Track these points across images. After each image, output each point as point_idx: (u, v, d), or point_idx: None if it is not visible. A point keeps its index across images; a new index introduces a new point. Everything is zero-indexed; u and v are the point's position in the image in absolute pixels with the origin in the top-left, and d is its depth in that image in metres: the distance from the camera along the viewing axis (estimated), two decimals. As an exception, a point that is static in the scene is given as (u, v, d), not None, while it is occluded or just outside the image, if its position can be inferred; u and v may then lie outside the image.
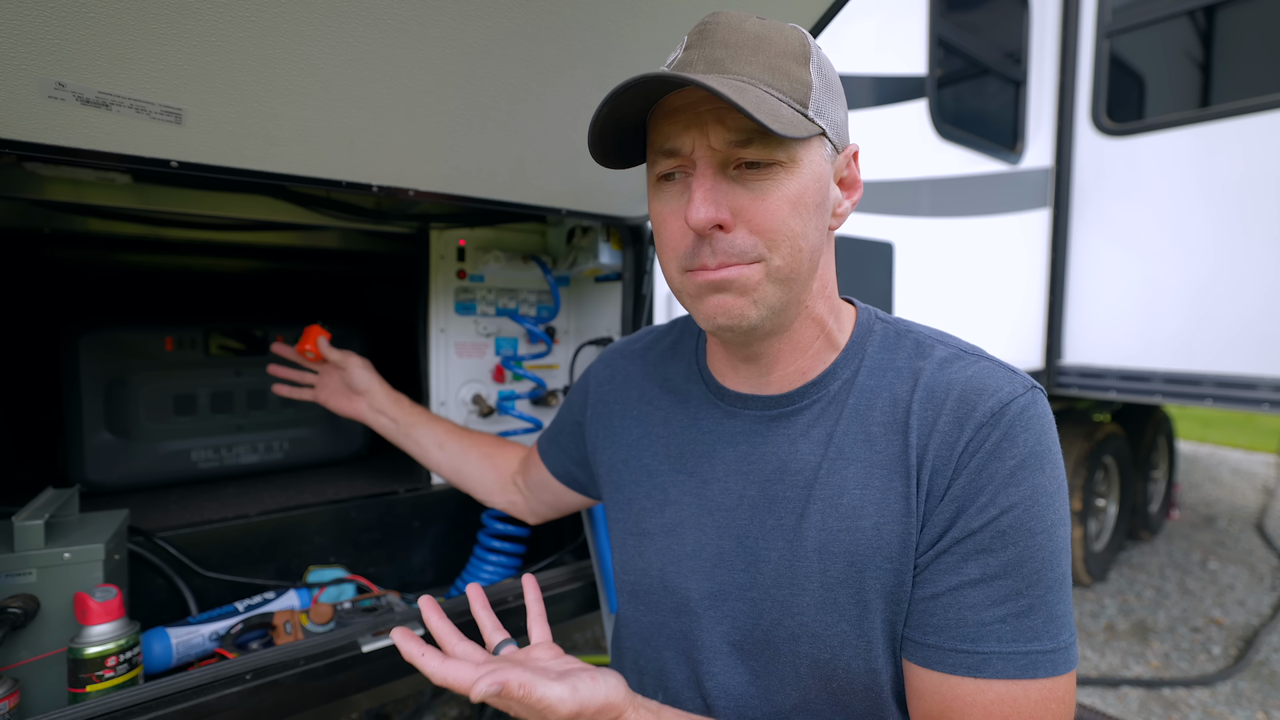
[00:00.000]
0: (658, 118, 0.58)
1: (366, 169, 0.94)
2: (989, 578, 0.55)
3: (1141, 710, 2.30)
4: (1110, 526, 3.53)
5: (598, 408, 0.85)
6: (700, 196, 0.55)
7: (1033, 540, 0.55)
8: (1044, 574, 0.55)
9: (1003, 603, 0.55)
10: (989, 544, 0.55)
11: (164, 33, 0.63)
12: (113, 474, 1.29)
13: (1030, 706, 0.54)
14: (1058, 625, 0.55)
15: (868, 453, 0.61)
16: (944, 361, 0.62)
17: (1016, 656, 0.54)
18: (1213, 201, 2.56)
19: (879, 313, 0.70)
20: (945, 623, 0.56)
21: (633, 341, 0.88)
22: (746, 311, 0.58)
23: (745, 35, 0.56)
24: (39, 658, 0.83)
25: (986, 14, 2.72)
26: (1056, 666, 0.54)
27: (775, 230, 0.56)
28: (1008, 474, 0.55)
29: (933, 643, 0.56)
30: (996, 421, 0.56)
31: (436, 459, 1.11)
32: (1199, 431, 8.21)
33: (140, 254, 1.68)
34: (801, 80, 0.56)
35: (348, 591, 1.17)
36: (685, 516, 0.71)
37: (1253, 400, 2.45)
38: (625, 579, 0.77)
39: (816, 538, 0.61)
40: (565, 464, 0.94)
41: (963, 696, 0.55)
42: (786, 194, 0.56)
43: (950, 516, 0.56)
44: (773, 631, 0.63)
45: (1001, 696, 0.54)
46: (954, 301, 2.52)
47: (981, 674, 0.54)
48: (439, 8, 0.70)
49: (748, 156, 0.55)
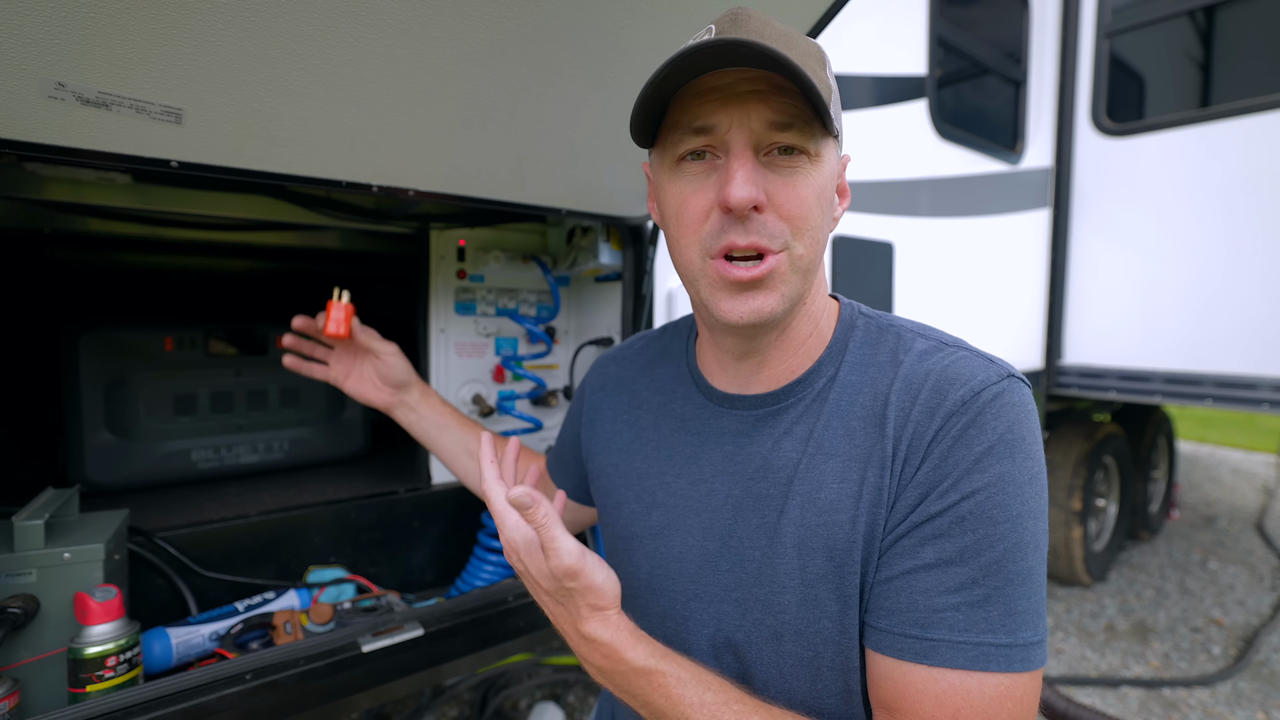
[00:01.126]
0: (687, 97, 0.58)
1: (366, 169, 0.94)
2: (944, 563, 0.53)
3: (1141, 710, 2.30)
4: (1110, 526, 3.53)
5: (591, 414, 0.86)
6: (743, 175, 0.55)
7: (994, 529, 0.53)
8: (1005, 565, 0.53)
9: (957, 591, 0.53)
10: (947, 529, 0.54)
11: (164, 33, 0.63)
12: (113, 474, 1.29)
13: (984, 702, 0.52)
14: (1017, 621, 0.53)
15: (847, 446, 0.61)
16: (924, 354, 0.61)
17: (967, 646, 0.52)
18: (1213, 201, 2.56)
19: (861, 307, 0.70)
20: (897, 606, 0.55)
21: (625, 348, 0.89)
22: (775, 306, 0.59)
23: (776, 30, 0.56)
24: (39, 658, 0.83)
25: (986, 14, 2.72)
26: (1012, 663, 0.52)
27: (803, 218, 0.57)
28: (973, 460, 0.54)
29: (884, 626, 0.56)
30: (966, 408, 0.55)
31: (465, 467, 1.05)
32: (1199, 431, 8.20)
33: (140, 254, 1.68)
34: (825, 82, 0.57)
35: (348, 591, 1.17)
36: (672, 519, 0.71)
37: (1253, 400, 2.45)
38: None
39: (795, 534, 0.61)
40: (573, 482, 0.93)
41: (914, 684, 0.54)
42: (812, 184, 0.57)
43: (913, 502, 0.56)
44: (755, 631, 0.63)
45: (954, 687, 0.52)
46: (954, 301, 2.52)
47: (930, 661, 0.53)
48: (439, 8, 0.70)
49: (785, 140, 0.56)
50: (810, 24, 0.92)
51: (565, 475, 0.94)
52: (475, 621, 1.05)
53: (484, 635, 1.06)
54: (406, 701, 2.10)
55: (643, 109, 0.58)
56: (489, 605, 1.07)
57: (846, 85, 2.07)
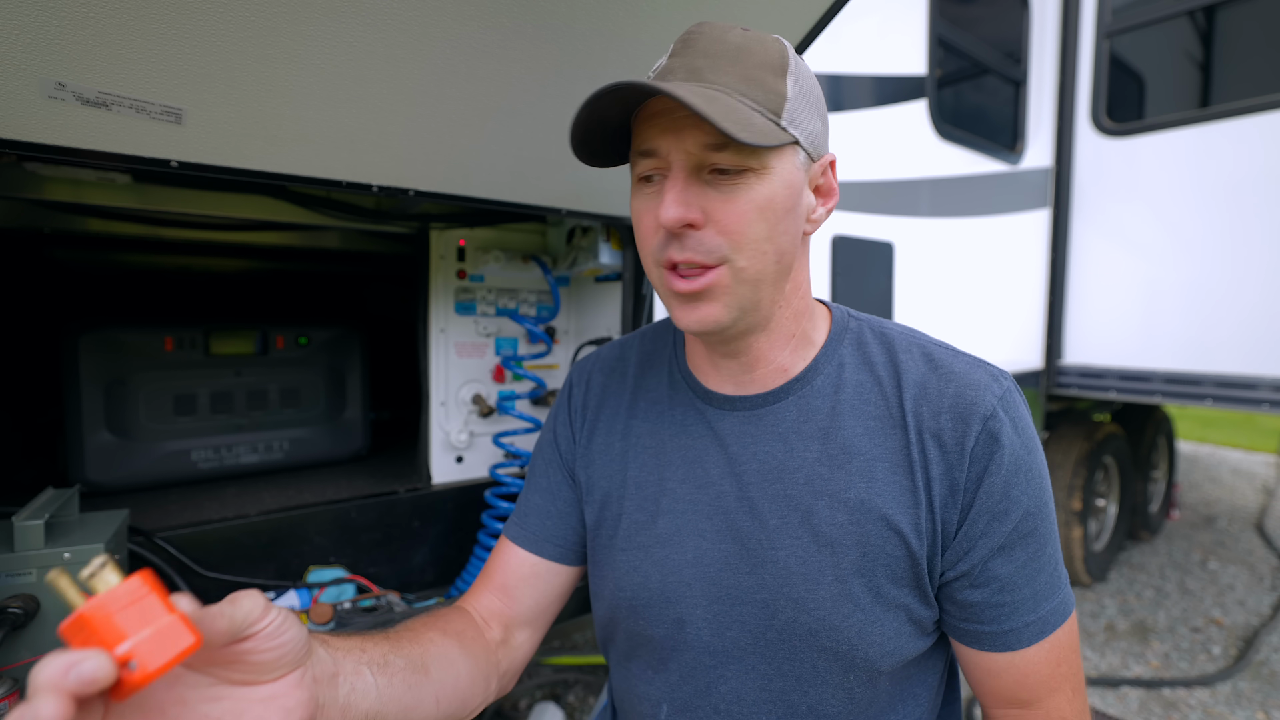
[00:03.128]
0: (640, 121, 0.61)
1: (366, 169, 0.94)
2: (1030, 559, 0.62)
3: (1141, 710, 2.30)
4: (1110, 526, 3.52)
5: (581, 427, 0.80)
6: (671, 197, 0.58)
7: (1045, 511, 0.63)
8: (1052, 532, 0.64)
9: (1040, 573, 0.63)
10: (1024, 532, 0.62)
11: (164, 33, 0.64)
12: (113, 474, 1.30)
13: (1070, 638, 0.64)
14: (1061, 562, 0.66)
15: (869, 446, 0.64)
16: (924, 358, 0.66)
17: (1060, 605, 0.63)
18: (1213, 201, 2.56)
19: (851, 311, 0.74)
20: (1011, 607, 0.62)
21: (606, 357, 0.84)
22: (720, 315, 0.62)
23: (726, 46, 0.59)
24: (39, 658, 0.83)
25: (986, 14, 2.72)
26: (1071, 596, 0.65)
27: (741, 233, 0.59)
28: (1024, 463, 0.62)
29: (1010, 628, 0.63)
30: (1000, 417, 0.61)
31: (431, 694, 0.62)
32: (1199, 431, 8.20)
33: (140, 254, 1.68)
34: (776, 90, 0.59)
35: (348, 591, 1.17)
36: (682, 525, 0.70)
37: (1253, 400, 2.45)
38: (620, 595, 0.73)
39: (828, 532, 0.63)
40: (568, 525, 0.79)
41: (1032, 660, 0.63)
42: (755, 199, 0.59)
43: (990, 516, 0.61)
44: (788, 630, 0.64)
45: (1057, 643, 0.63)
46: (954, 302, 2.52)
47: (1044, 635, 0.62)
48: (439, 8, 0.70)
49: (720, 162, 0.58)
50: (801, 34, 0.92)
51: (554, 525, 0.79)
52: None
53: (484, 635, 1.06)
54: (406, 701, 2.10)
55: (581, 144, 0.62)
56: (489, 605, 1.07)
57: (846, 85, 2.07)
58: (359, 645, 0.58)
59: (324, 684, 0.50)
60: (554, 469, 0.81)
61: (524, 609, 0.78)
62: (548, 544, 0.78)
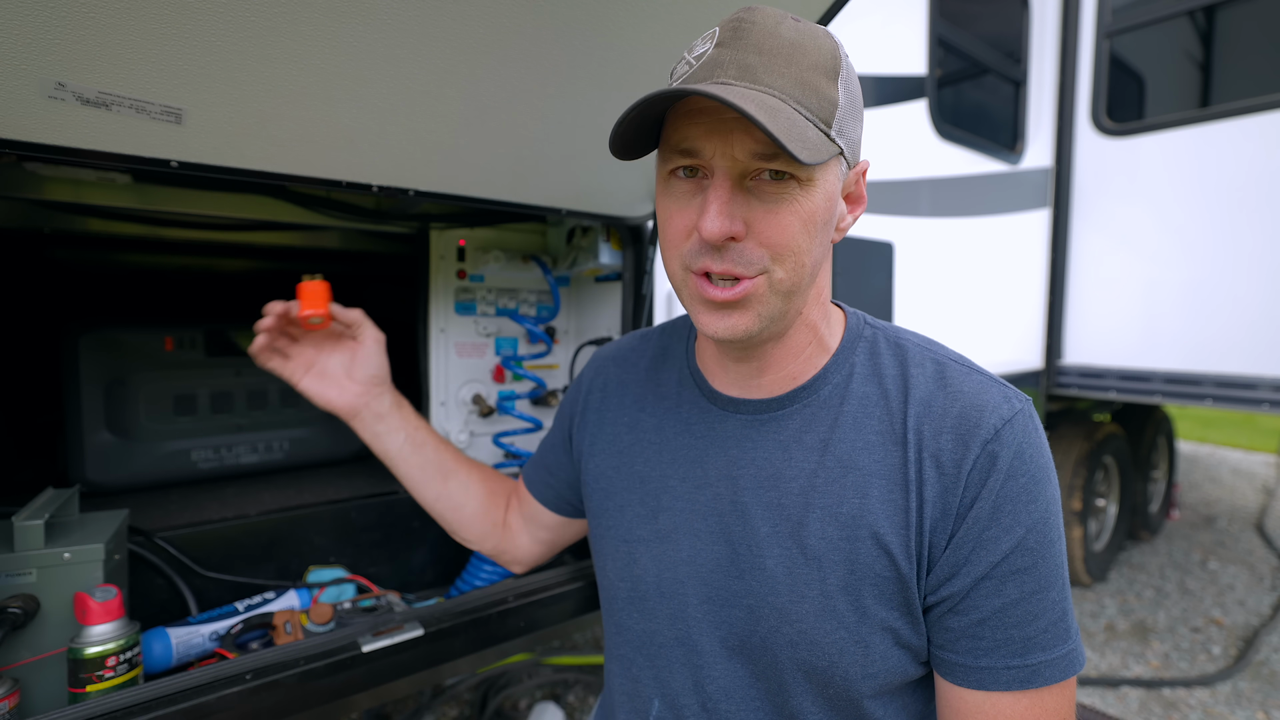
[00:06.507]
0: (678, 115, 0.57)
1: (366, 169, 0.94)
2: (1023, 599, 0.57)
3: (1141, 710, 2.30)
4: (1110, 526, 3.52)
5: (590, 414, 0.84)
6: (716, 209, 0.54)
7: (1046, 550, 0.58)
8: (1057, 577, 0.58)
9: (1036, 619, 0.57)
10: (1017, 567, 0.57)
11: (164, 33, 0.63)
12: (113, 474, 1.29)
13: (1059, 705, 0.58)
14: (1071, 619, 0.59)
15: (867, 461, 0.62)
16: (936, 373, 0.63)
17: (1059, 660, 0.57)
18: (1213, 201, 2.56)
19: (867, 318, 0.71)
20: (991, 643, 0.58)
21: (624, 348, 0.87)
22: (750, 325, 0.59)
23: (780, 42, 0.54)
24: (39, 658, 0.83)
25: (986, 13, 2.72)
26: (1076, 660, 0.58)
27: (785, 245, 0.56)
28: (1022, 492, 0.57)
29: (985, 665, 0.58)
30: (1002, 440, 0.58)
31: (437, 490, 0.93)
32: (1199, 431, 8.20)
33: (140, 254, 1.68)
34: (829, 99, 0.55)
35: (348, 591, 1.17)
36: (679, 522, 0.70)
37: (1253, 400, 2.45)
38: (620, 586, 0.76)
39: (816, 546, 0.61)
40: (555, 491, 0.90)
41: (1006, 711, 0.57)
42: (800, 211, 0.56)
43: (976, 542, 0.58)
44: (770, 638, 0.63)
45: (1041, 703, 0.57)
46: (954, 302, 2.52)
47: (1028, 686, 0.57)
48: (439, 8, 0.70)
49: (771, 167, 0.55)
50: (816, 17, 0.92)
51: (546, 482, 0.91)
52: (475, 621, 1.04)
53: (484, 635, 1.06)
54: (406, 701, 2.10)
55: (619, 140, 0.57)
56: (489, 605, 1.07)
57: (846, 85, 2.07)
58: (415, 419, 0.93)
59: (374, 403, 0.90)
60: (559, 449, 0.90)
61: (529, 523, 0.96)
62: (545, 494, 0.92)
